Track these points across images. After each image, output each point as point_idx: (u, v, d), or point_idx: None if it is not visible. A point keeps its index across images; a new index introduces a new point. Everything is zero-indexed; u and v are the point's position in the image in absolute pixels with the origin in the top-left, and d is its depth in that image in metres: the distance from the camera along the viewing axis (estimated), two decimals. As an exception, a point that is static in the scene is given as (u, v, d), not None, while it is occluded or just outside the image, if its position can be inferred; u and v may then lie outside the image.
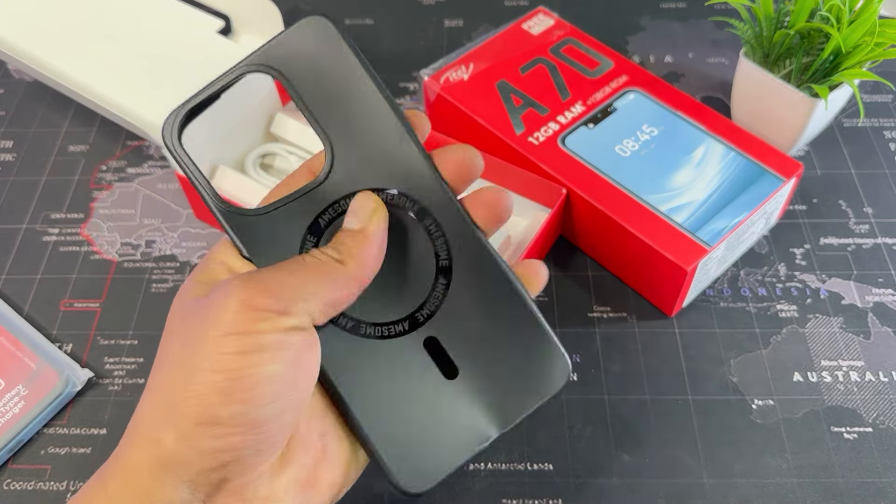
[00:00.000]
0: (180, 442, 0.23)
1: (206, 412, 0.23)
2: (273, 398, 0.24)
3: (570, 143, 0.47)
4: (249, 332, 0.23)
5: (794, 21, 0.46)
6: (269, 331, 0.24)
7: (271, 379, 0.23)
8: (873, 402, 0.41)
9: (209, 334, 0.23)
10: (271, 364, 0.23)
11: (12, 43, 0.53)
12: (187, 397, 0.23)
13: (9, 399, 0.41)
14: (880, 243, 0.48)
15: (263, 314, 0.24)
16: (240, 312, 0.23)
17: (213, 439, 0.23)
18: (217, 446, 0.23)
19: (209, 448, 0.23)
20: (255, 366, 0.23)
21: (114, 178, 0.53)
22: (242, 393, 0.23)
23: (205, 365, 0.23)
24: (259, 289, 0.24)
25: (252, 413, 0.23)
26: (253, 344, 0.23)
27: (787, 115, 0.48)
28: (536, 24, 0.54)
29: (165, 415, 0.24)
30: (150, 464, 0.23)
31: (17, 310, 0.46)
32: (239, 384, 0.23)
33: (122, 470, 0.24)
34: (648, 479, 0.39)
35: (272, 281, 0.24)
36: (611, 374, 0.43)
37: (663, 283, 0.43)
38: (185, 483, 0.23)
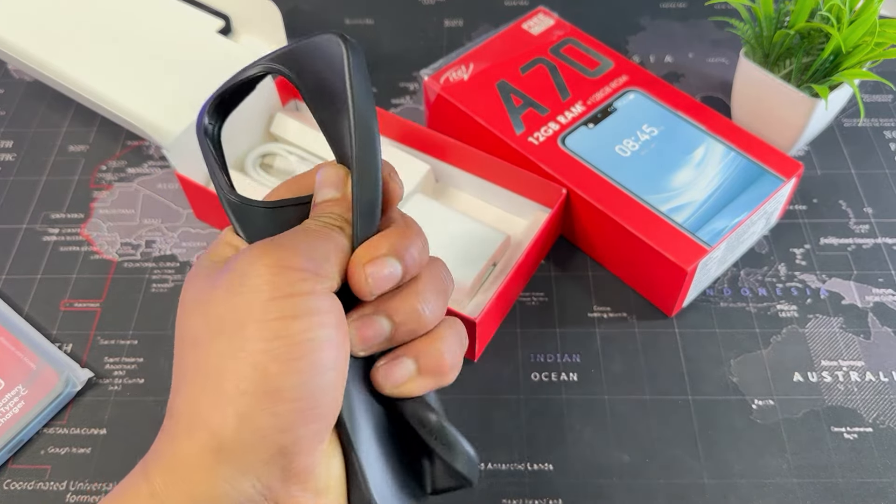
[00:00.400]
0: (240, 423, 0.21)
1: (266, 384, 0.21)
2: (330, 366, 0.22)
3: (570, 143, 0.47)
4: (294, 295, 0.22)
5: (795, 21, 0.46)
6: (312, 292, 0.22)
7: (326, 344, 0.22)
8: (873, 403, 0.41)
9: (252, 302, 0.22)
10: (322, 328, 0.22)
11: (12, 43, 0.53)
12: (241, 371, 0.21)
13: (9, 399, 0.41)
14: (880, 243, 0.48)
15: (301, 274, 0.22)
16: (277, 275, 0.22)
17: (274, 416, 0.21)
18: (279, 424, 0.21)
19: (270, 427, 0.21)
20: (308, 330, 0.21)
21: (114, 178, 0.53)
22: (300, 361, 0.21)
23: (255, 334, 0.21)
24: (287, 251, 0.23)
25: (311, 382, 0.21)
26: (302, 307, 0.22)
27: (787, 115, 0.48)
28: (536, 24, 0.54)
29: (216, 395, 0.21)
30: (204, 454, 0.21)
31: (17, 310, 0.46)
32: (296, 351, 0.21)
33: (168, 464, 0.22)
34: (648, 479, 0.39)
35: (294, 242, 0.23)
36: (611, 374, 0.43)
37: (663, 283, 0.43)
38: (244, 475, 0.21)
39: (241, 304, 0.22)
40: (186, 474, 0.21)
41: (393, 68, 0.59)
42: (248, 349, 0.21)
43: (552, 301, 0.46)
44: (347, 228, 0.25)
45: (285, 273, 0.22)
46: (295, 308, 0.22)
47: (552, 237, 0.48)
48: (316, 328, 0.22)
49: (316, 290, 0.22)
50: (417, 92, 0.58)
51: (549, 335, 0.44)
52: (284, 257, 0.22)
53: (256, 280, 0.22)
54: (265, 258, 0.22)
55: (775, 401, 0.41)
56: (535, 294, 0.46)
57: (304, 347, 0.21)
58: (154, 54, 0.53)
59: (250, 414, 0.21)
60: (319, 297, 0.22)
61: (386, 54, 0.61)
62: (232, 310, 0.22)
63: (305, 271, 0.22)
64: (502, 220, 0.48)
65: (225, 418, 0.21)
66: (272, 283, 0.22)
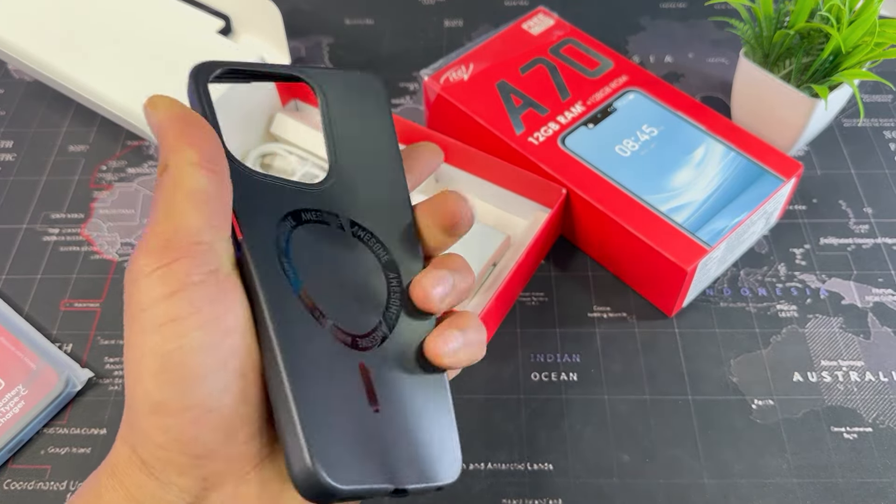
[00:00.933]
0: (144, 440, 0.21)
1: (149, 400, 0.21)
2: (207, 370, 0.21)
3: (570, 143, 0.47)
4: (158, 300, 0.21)
5: (794, 21, 0.46)
6: (173, 291, 0.21)
7: (199, 349, 0.21)
8: (873, 402, 0.41)
9: (134, 317, 0.21)
10: (191, 331, 0.21)
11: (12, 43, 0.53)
12: (133, 392, 0.21)
13: (9, 399, 0.41)
14: (880, 243, 0.48)
15: (160, 273, 0.21)
16: (148, 278, 0.21)
17: (166, 431, 0.21)
18: (176, 438, 0.21)
19: (168, 442, 0.21)
20: (177, 338, 0.20)
21: (114, 178, 0.53)
22: (172, 372, 0.20)
23: (136, 350, 0.21)
24: (144, 247, 0.21)
25: (192, 393, 0.20)
26: (165, 313, 0.21)
27: (787, 115, 0.48)
28: (536, 24, 0.54)
29: (128, 410, 0.22)
30: (131, 461, 0.22)
31: (18, 310, 0.46)
32: (167, 362, 0.20)
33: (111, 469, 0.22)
34: (648, 479, 0.39)
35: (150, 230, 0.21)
36: (611, 374, 0.43)
37: (663, 283, 0.43)
38: (166, 485, 0.21)
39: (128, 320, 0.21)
40: (123, 480, 0.22)
41: (393, 68, 0.59)
42: (133, 368, 0.21)
43: (552, 301, 0.46)
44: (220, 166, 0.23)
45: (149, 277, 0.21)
46: (157, 316, 0.21)
47: (552, 237, 0.48)
48: (186, 333, 0.20)
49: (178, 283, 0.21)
50: (417, 92, 0.58)
51: (549, 335, 0.44)
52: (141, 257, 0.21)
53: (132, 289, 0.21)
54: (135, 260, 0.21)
55: (775, 401, 0.41)
56: (535, 294, 0.46)
57: (173, 358, 0.20)
58: (154, 54, 0.53)
59: (148, 431, 0.21)
60: (182, 294, 0.21)
61: (386, 54, 0.61)
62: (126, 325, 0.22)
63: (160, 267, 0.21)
64: (502, 220, 0.48)
65: (134, 434, 0.22)
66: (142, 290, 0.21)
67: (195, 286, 0.21)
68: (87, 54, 0.53)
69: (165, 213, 0.22)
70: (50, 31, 0.54)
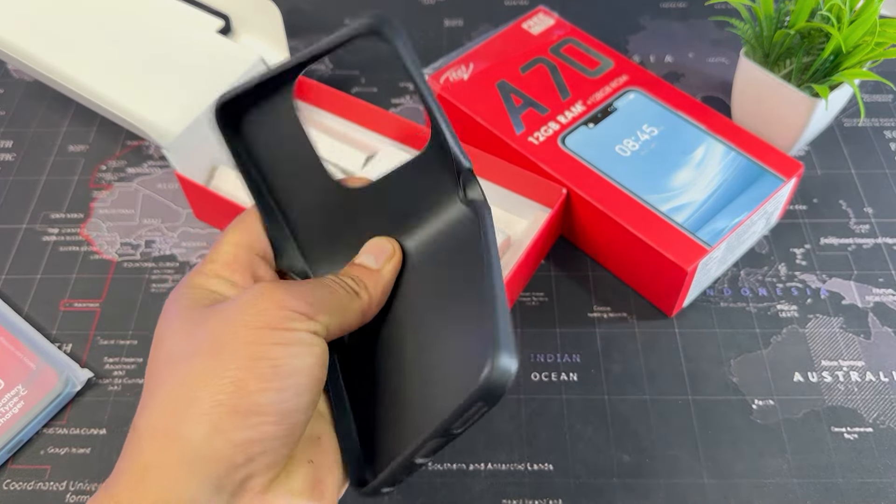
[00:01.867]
0: (214, 434, 0.22)
1: (245, 400, 0.23)
2: (306, 389, 0.24)
3: (570, 143, 0.47)
4: (282, 329, 0.24)
5: (795, 21, 0.46)
6: (303, 329, 0.24)
7: (307, 370, 0.24)
8: (874, 403, 0.41)
9: (243, 327, 0.24)
10: (306, 357, 0.24)
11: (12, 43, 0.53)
12: (222, 386, 0.23)
13: (8, 399, 0.41)
14: (881, 243, 0.48)
15: (296, 315, 0.24)
16: (272, 311, 0.24)
17: (248, 429, 0.23)
18: (251, 436, 0.23)
19: (243, 439, 0.22)
20: (292, 357, 0.24)
21: (113, 177, 0.53)
22: (281, 381, 0.23)
23: (241, 353, 0.23)
24: (291, 293, 0.25)
25: (288, 402, 0.23)
26: (290, 338, 0.24)
27: (787, 114, 0.48)
28: (536, 24, 0.54)
29: (189, 408, 0.22)
30: (174, 463, 0.22)
31: (17, 310, 0.46)
32: (278, 371, 0.23)
33: (136, 478, 0.22)
34: (648, 479, 0.39)
35: (301, 290, 0.25)
36: (611, 374, 0.43)
37: (663, 283, 0.43)
38: (210, 483, 0.22)
39: (228, 330, 0.24)
40: (156, 484, 0.22)
41: (393, 68, 0.59)
42: (228, 367, 0.23)
43: (552, 301, 0.46)
44: (365, 297, 0.27)
45: (281, 311, 0.24)
46: (281, 337, 0.24)
47: (552, 237, 0.48)
48: (298, 356, 0.24)
49: (309, 327, 0.25)
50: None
51: (549, 335, 0.44)
52: (286, 299, 0.24)
53: (251, 310, 0.24)
54: (267, 295, 0.24)
55: (775, 401, 0.41)
56: (535, 294, 0.46)
57: (285, 370, 0.23)
58: (154, 54, 0.53)
59: (226, 425, 0.22)
60: (307, 334, 0.24)
61: (386, 54, 0.60)
62: (219, 334, 0.24)
63: (300, 313, 0.24)
64: (502, 220, 0.48)
65: (198, 429, 0.22)
66: (265, 315, 0.24)
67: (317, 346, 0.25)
68: (86, 54, 0.53)
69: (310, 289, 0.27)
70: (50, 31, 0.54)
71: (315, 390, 0.25)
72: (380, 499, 0.39)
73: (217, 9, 0.56)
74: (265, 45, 0.54)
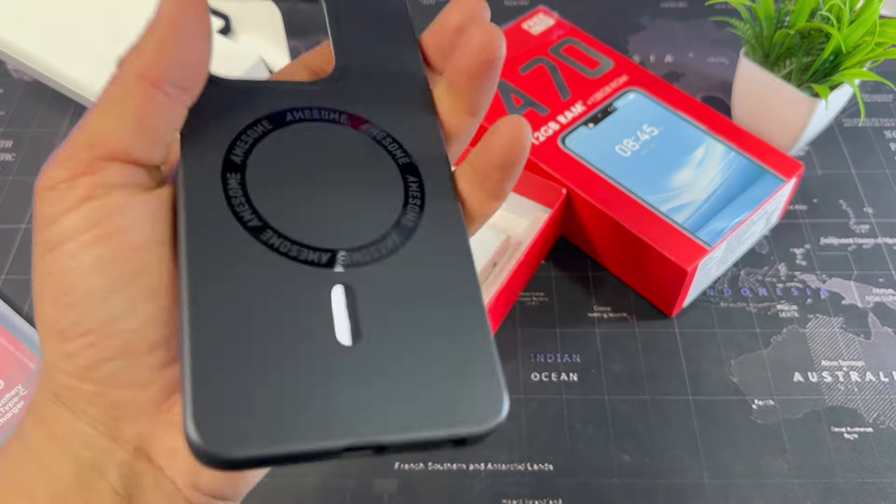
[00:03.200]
0: (50, 368, 0.20)
1: (51, 328, 0.19)
2: (104, 291, 0.19)
3: (570, 143, 0.47)
4: (50, 223, 0.19)
5: (795, 21, 0.46)
6: (64, 210, 0.19)
7: (97, 267, 0.19)
8: (874, 403, 0.41)
9: (35, 238, 0.20)
10: (87, 248, 0.19)
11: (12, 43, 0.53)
12: (39, 322, 0.20)
13: (8, 399, 0.41)
14: (881, 243, 0.48)
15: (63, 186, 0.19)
16: (48, 193, 0.19)
17: (68, 357, 0.19)
18: (77, 364, 0.19)
19: (70, 367, 0.20)
20: (73, 258, 0.19)
21: (113, 177, 0.53)
22: (68, 296, 0.19)
23: (37, 276, 0.19)
24: (56, 155, 0.19)
25: (90, 317, 0.19)
26: (55, 235, 0.19)
27: (787, 114, 0.48)
28: (536, 24, 0.54)
29: (39, 341, 0.20)
30: (46, 396, 0.21)
31: (17, 310, 0.46)
32: (62, 285, 0.19)
33: (32, 408, 0.21)
34: (649, 479, 0.39)
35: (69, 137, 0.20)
36: (611, 374, 0.43)
37: (664, 283, 0.43)
38: (77, 413, 0.20)
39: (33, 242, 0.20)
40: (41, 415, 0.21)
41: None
42: (36, 296, 0.20)
43: (552, 301, 0.46)
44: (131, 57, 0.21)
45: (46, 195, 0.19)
46: (49, 239, 0.19)
47: (552, 237, 0.48)
48: (77, 255, 0.19)
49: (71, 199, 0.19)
50: (417, 92, 0.58)
51: (549, 335, 0.44)
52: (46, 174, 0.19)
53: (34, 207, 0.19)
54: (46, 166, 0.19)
55: (775, 401, 0.41)
56: (535, 294, 0.46)
57: (66, 282, 0.19)
58: (154, 54, 0.53)
59: (53, 360, 0.20)
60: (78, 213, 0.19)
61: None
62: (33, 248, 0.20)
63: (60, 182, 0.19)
64: (502, 220, 0.48)
65: (44, 367, 0.20)
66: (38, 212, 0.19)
67: (94, 200, 0.19)
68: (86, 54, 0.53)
69: (87, 121, 0.20)
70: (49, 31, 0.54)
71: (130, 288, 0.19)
72: (378, 500, 0.39)
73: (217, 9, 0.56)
74: (265, 45, 0.54)
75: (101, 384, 0.20)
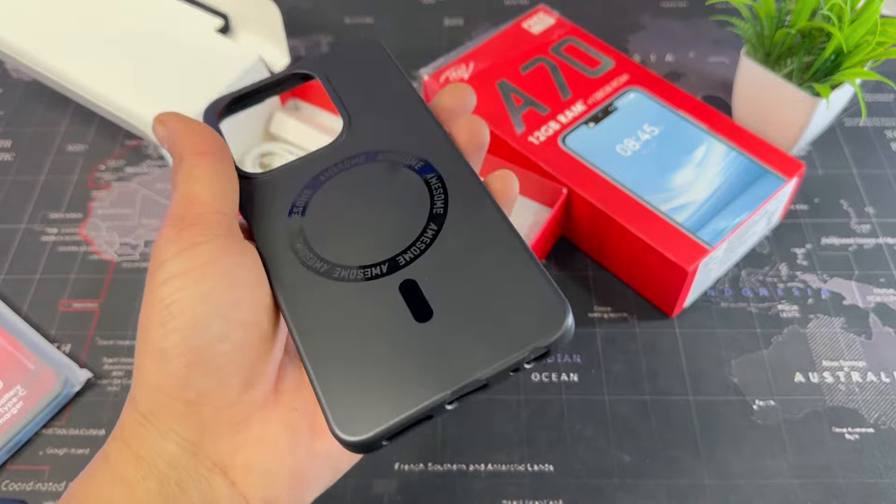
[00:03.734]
0: (144, 385, 0.23)
1: (153, 348, 0.22)
2: (210, 318, 0.22)
3: (570, 143, 0.46)
4: (168, 258, 0.23)
5: (796, 20, 0.46)
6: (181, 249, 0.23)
7: (194, 302, 0.22)
8: (875, 403, 0.41)
9: (148, 280, 0.23)
10: (196, 283, 0.22)
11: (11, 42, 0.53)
12: (142, 344, 0.23)
13: (7, 400, 0.41)
14: (882, 243, 0.48)
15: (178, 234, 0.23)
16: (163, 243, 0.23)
17: (166, 376, 0.22)
18: (172, 382, 0.22)
19: (165, 386, 0.22)
20: (181, 289, 0.22)
21: (112, 177, 0.53)
22: (176, 320, 0.22)
23: (148, 305, 0.23)
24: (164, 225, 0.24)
25: (191, 339, 0.22)
26: (173, 268, 0.22)
27: (788, 114, 0.48)
28: (537, 23, 0.54)
29: (135, 368, 0.23)
30: (134, 419, 0.23)
31: (16, 310, 0.46)
32: (171, 311, 0.22)
33: (117, 433, 0.24)
34: (649, 479, 0.39)
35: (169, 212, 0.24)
36: (611, 374, 0.42)
37: (664, 283, 0.43)
38: (165, 432, 0.23)
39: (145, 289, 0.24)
40: (129, 439, 0.23)
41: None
42: (143, 322, 0.23)
43: (552, 301, 0.46)
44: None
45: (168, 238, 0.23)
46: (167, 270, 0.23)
47: (552, 237, 0.48)
48: (190, 285, 0.22)
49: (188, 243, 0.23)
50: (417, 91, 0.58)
51: (550, 335, 0.44)
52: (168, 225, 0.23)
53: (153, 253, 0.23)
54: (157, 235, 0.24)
55: (776, 401, 0.41)
56: (535, 294, 0.46)
57: (177, 307, 0.22)
58: (152, 53, 0.53)
59: (149, 377, 0.23)
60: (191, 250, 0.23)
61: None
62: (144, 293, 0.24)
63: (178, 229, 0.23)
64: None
65: (136, 385, 0.23)
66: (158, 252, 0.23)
67: (204, 244, 0.23)
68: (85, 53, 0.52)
69: (180, 194, 0.24)
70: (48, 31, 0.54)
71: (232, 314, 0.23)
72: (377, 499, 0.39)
73: (216, 8, 0.56)
74: (264, 45, 0.54)
75: (192, 402, 0.23)
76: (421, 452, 0.40)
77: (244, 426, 0.23)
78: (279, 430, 0.24)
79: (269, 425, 0.24)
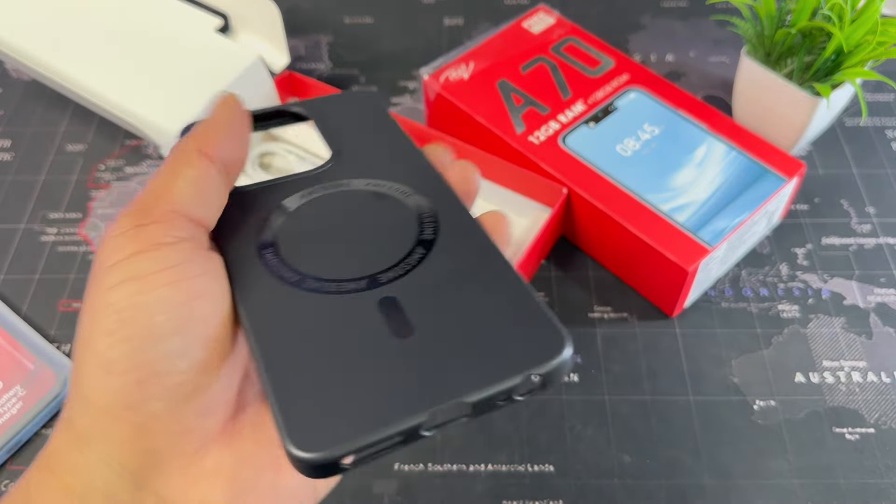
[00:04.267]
0: (84, 406, 0.19)
1: (97, 360, 0.19)
2: (169, 330, 0.19)
3: (570, 143, 0.46)
4: (124, 258, 0.20)
5: (796, 20, 0.46)
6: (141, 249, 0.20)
7: (161, 307, 0.19)
8: (875, 403, 0.41)
9: (95, 276, 0.20)
10: (154, 289, 0.19)
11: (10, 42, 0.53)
12: (82, 353, 0.19)
13: (6, 400, 0.41)
14: (882, 243, 0.48)
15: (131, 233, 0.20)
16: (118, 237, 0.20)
17: (110, 392, 0.19)
18: (118, 401, 0.19)
19: (109, 404, 0.19)
20: (138, 294, 0.19)
21: (112, 177, 0.53)
22: (127, 328, 0.19)
23: (92, 310, 0.20)
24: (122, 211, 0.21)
25: (144, 352, 0.19)
26: (124, 272, 0.19)
27: (788, 114, 0.48)
28: (537, 23, 0.54)
29: (71, 384, 0.20)
30: (67, 443, 0.20)
31: (15, 310, 0.46)
32: (122, 318, 0.19)
33: (42, 462, 0.20)
34: (649, 479, 0.39)
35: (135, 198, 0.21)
36: (611, 374, 0.42)
37: (664, 283, 0.43)
38: (105, 459, 0.19)
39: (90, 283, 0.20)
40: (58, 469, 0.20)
41: (392, 67, 0.59)
42: (87, 329, 0.20)
43: (552, 301, 0.46)
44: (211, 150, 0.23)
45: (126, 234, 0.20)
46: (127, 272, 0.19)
47: (552, 237, 0.48)
48: (137, 294, 0.19)
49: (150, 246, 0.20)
50: (417, 91, 0.58)
51: (550, 335, 0.44)
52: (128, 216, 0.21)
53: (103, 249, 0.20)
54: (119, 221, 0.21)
55: (777, 401, 0.41)
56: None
57: (132, 314, 0.19)
58: (152, 53, 0.53)
59: (91, 394, 0.19)
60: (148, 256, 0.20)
61: (385, 53, 0.61)
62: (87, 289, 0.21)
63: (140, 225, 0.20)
64: (502, 220, 0.48)
65: (73, 404, 0.20)
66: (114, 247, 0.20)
67: (170, 246, 0.20)
68: (85, 53, 0.52)
69: (152, 183, 0.22)
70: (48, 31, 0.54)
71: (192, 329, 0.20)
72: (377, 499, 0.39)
73: (216, 7, 0.56)
74: (264, 44, 0.54)
75: (141, 426, 0.19)
76: (421, 452, 0.40)
77: (198, 458, 0.20)
78: (237, 463, 0.21)
79: (226, 458, 0.21)
